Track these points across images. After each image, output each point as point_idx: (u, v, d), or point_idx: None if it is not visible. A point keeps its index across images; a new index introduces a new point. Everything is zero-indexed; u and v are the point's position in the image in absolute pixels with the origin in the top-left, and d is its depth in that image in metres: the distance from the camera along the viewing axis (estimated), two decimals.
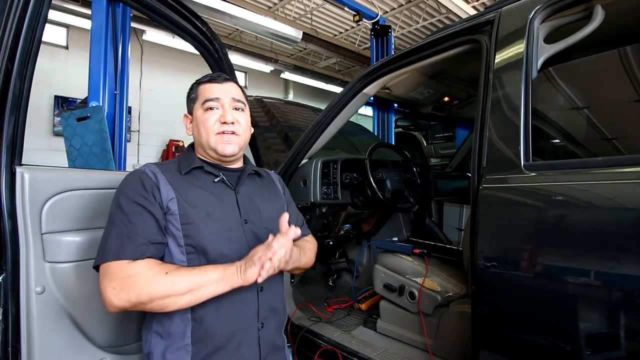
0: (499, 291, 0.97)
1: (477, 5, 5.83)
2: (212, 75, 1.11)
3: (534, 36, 1.04)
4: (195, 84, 1.12)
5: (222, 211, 1.01)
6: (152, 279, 0.85)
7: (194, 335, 0.94)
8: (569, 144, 1.39)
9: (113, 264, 0.86)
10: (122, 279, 0.85)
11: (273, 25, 4.95)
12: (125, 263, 0.86)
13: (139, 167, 1.02)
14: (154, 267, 0.87)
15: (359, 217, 2.28)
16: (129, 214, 0.91)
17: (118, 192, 0.96)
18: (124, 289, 0.84)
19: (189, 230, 0.95)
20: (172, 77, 7.36)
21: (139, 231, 0.89)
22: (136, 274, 0.85)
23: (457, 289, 1.64)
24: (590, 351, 0.83)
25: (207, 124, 1.04)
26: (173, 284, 0.85)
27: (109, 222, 0.92)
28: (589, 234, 0.85)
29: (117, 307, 0.85)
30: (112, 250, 0.87)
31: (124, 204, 0.92)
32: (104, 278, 0.86)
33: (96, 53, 2.40)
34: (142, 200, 0.92)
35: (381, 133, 3.83)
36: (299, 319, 1.89)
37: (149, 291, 0.84)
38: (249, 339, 0.99)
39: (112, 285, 0.84)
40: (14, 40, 0.93)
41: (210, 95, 1.05)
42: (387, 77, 1.59)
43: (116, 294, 0.84)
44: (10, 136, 0.93)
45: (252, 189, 1.13)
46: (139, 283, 0.84)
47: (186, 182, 1.01)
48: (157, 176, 0.98)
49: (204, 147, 1.07)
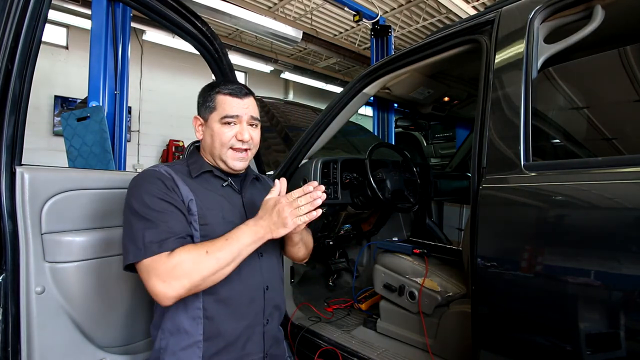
0: (499, 291, 0.97)
1: (477, 5, 5.83)
2: (232, 88, 1.08)
3: (534, 36, 1.04)
4: (213, 90, 1.08)
5: (233, 214, 1.06)
6: (198, 261, 0.88)
7: (206, 333, 0.97)
8: (569, 144, 1.39)
9: (154, 259, 0.87)
10: (170, 269, 0.86)
11: (273, 25, 4.95)
12: (166, 255, 0.88)
13: (153, 166, 1.03)
14: (192, 251, 0.89)
15: (359, 217, 2.27)
16: (161, 211, 0.92)
17: (140, 190, 0.96)
18: (176, 278, 0.86)
19: (206, 231, 0.98)
20: (172, 77, 7.36)
21: (175, 226, 0.92)
22: (182, 262, 0.87)
23: (457, 289, 1.63)
24: (590, 351, 0.83)
25: (223, 138, 1.06)
26: (218, 260, 0.89)
27: (136, 219, 0.92)
28: (589, 234, 0.85)
29: (174, 298, 0.87)
30: (154, 245, 0.88)
31: (152, 202, 0.93)
32: (150, 274, 0.87)
33: (96, 53, 2.40)
34: (169, 198, 0.95)
35: (381, 133, 3.84)
36: (299, 319, 1.89)
37: (200, 273, 0.87)
38: (255, 334, 1.04)
39: (161, 279, 0.86)
40: (14, 40, 0.92)
41: (230, 112, 1.06)
42: (387, 77, 1.59)
43: (169, 286, 0.86)
44: (10, 136, 0.93)
45: (255, 193, 1.18)
46: (187, 269, 0.87)
47: (199, 185, 1.04)
48: (174, 177, 1.00)
49: (214, 156, 1.09)
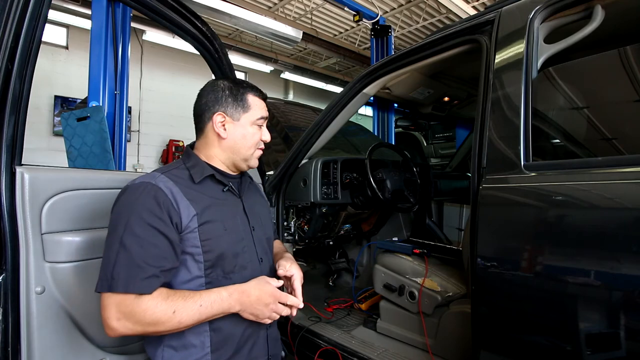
0: (499, 291, 0.97)
1: (477, 5, 5.82)
2: (258, 90, 1.11)
3: (534, 36, 1.04)
4: (240, 89, 1.06)
5: (234, 222, 1.03)
6: (160, 318, 0.84)
7: (213, 345, 0.95)
8: (569, 144, 1.39)
9: (119, 296, 0.82)
10: (129, 312, 0.82)
11: (273, 25, 4.94)
12: (133, 297, 0.82)
13: (149, 176, 0.94)
14: (161, 304, 0.84)
15: (359, 217, 2.28)
16: (142, 239, 0.85)
17: (129, 208, 0.87)
18: (131, 321, 0.83)
19: (209, 246, 0.94)
20: (172, 77, 7.36)
21: (151, 259, 0.85)
22: (144, 311, 0.83)
23: (457, 289, 1.64)
24: (590, 351, 0.83)
25: (256, 139, 1.08)
26: (180, 323, 0.85)
27: (116, 242, 0.85)
28: (589, 234, 0.85)
29: (121, 334, 0.83)
30: (120, 280, 0.82)
31: (136, 225, 0.85)
32: (109, 307, 0.83)
33: (96, 53, 2.40)
34: (157, 223, 0.87)
35: (381, 133, 3.84)
36: (299, 319, 1.89)
37: (156, 328, 0.84)
38: (260, 338, 1.05)
39: (117, 317, 0.82)
40: (14, 40, 0.92)
41: (264, 114, 1.09)
42: (387, 77, 1.59)
43: (122, 325, 0.83)
44: (10, 136, 0.93)
45: (252, 195, 1.18)
46: (146, 320, 0.83)
47: (201, 194, 0.98)
48: (174, 191, 0.92)
49: (237, 156, 1.06)
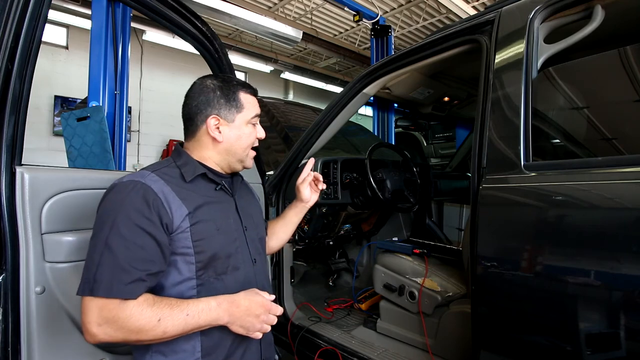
0: (499, 291, 0.97)
1: (477, 5, 5.82)
2: (250, 86, 1.06)
3: (534, 36, 1.04)
4: (232, 87, 1.02)
5: (227, 222, 1.00)
6: (145, 326, 0.79)
7: (204, 349, 0.91)
8: (569, 144, 1.39)
9: (102, 300, 0.77)
10: (112, 318, 0.77)
11: (273, 25, 4.94)
12: (117, 302, 0.78)
13: (138, 174, 0.91)
14: (145, 311, 0.80)
15: (359, 217, 2.28)
16: (128, 240, 0.80)
17: (116, 208, 0.83)
18: (113, 327, 0.78)
19: (201, 246, 0.91)
20: (172, 77, 7.35)
21: (137, 263, 0.80)
22: (127, 317, 0.78)
23: (457, 289, 1.64)
24: (590, 351, 0.83)
25: (252, 139, 1.05)
26: (165, 332, 0.81)
27: (101, 243, 0.80)
28: (589, 234, 0.85)
29: (100, 341, 0.79)
30: (103, 283, 0.77)
31: (123, 226, 0.81)
32: (90, 312, 0.78)
33: (96, 53, 2.40)
34: (145, 224, 0.82)
35: (381, 133, 3.84)
36: (299, 319, 1.89)
37: (139, 336, 0.80)
38: (253, 343, 1.01)
39: (97, 322, 0.77)
40: (14, 40, 0.92)
41: (257, 111, 1.05)
42: (387, 77, 1.59)
43: (102, 331, 0.78)
44: (10, 136, 0.93)
45: (244, 195, 1.14)
46: (129, 327, 0.78)
47: (193, 193, 0.94)
48: (165, 190, 0.88)
49: (232, 157, 1.03)
